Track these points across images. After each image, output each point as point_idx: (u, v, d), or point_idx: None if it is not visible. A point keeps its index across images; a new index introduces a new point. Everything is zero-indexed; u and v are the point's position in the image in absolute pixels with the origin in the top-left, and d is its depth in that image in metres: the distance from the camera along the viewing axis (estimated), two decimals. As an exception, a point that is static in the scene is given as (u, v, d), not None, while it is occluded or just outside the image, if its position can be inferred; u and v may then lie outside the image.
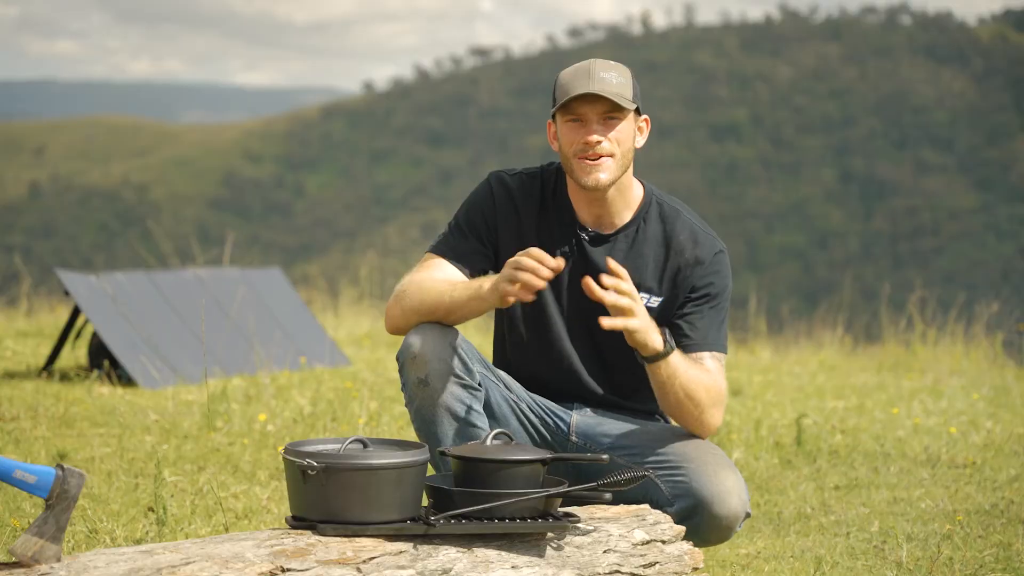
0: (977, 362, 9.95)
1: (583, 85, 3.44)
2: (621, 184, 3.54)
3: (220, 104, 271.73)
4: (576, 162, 3.49)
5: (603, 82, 3.45)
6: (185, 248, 12.74)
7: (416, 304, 3.46)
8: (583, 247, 3.58)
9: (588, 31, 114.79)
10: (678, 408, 3.47)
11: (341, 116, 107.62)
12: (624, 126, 3.49)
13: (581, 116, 3.47)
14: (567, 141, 3.50)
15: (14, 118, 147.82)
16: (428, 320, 3.44)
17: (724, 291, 3.58)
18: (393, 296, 3.54)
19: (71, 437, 5.82)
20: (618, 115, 3.48)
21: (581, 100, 3.45)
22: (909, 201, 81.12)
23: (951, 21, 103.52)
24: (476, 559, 2.99)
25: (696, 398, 3.45)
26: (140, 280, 8.52)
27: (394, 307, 3.51)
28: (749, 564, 4.24)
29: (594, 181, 3.48)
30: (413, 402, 3.44)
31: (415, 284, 3.50)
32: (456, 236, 3.58)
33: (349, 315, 12.07)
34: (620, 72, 3.49)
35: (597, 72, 3.46)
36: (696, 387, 3.44)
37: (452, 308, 3.42)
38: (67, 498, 2.75)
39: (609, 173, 3.48)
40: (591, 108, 3.46)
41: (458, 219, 3.61)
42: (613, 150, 3.48)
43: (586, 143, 3.46)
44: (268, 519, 4.57)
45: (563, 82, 3.50)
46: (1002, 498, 5.21)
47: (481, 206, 3.60)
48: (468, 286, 3.42)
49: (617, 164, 3.49)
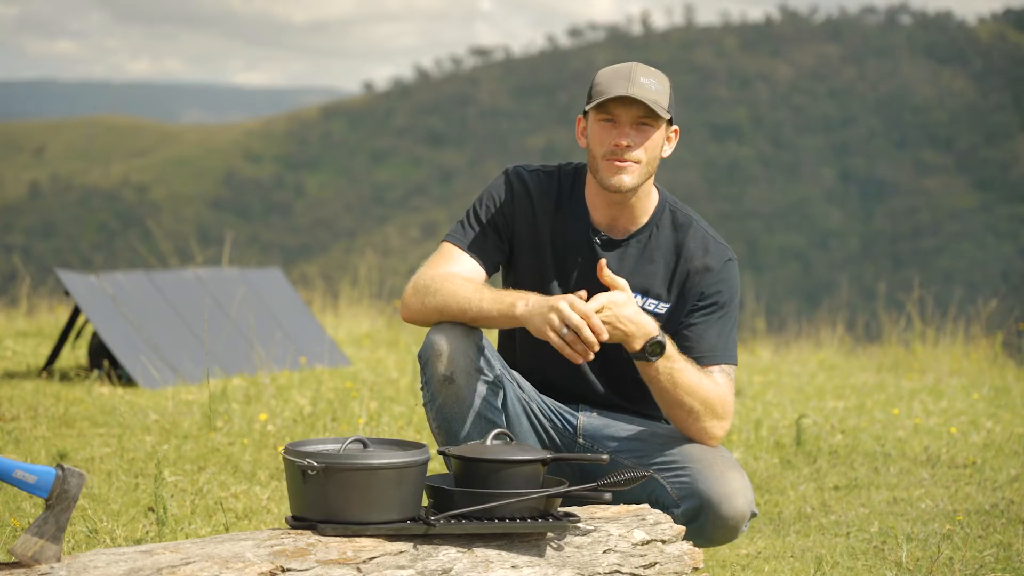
0: (977, 362, 9.95)
1: (622, 87, 3.43)
2: (640, 190, 3.54)
3: (220, 104, 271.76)
4: (603, 162, 3.48)
5: (642, 87, 3.43)
6: (185, 248, 12.74)
7: (440, 305, 3.43)
8: (595, 251, 3.57)
9: (588, 31, 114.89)
10: (670, 412, 3.48)
11: (341, 116, 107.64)
12: (656, 134, 3.48)
13: (615, 117, 3.46)
14: (597, 140, 3.48)
15: (14, 118, 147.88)
16: (448, 319, 3.43)
17: (733, 300, 3.57)
18: (412, 286, 3.49)
19: (71, 437, 5.82)
20: (652, 123, 3.47)
21: (617, 102, 3.44)
22: (909, 201, 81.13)
23: (951, 21, 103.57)
24: (476, 559, 2.99)
25: (688, 405, 3.43)
26: (140, 280, 8.51)
27: (414, 299, 3.48)
28: (749, 564, 4.24)
29: (618, 183, 3.47)
30: (436, 399, 3.43)
31: (440, 281, 3.46)
32: (473, 228, 3.57)
33: (349, 315, 12.07)
34: (659, 80, 3.48)
35: (637, 76, 3.45)
36: (695, 392, 3.42)
37: (477, 319, 3.40)
38: (67, 498, 2.75)
39: (634, 178, 3.47)
40: (626, 111, 3.45)
41: (476, 210, 3.59)
42: (641, 157, 3.47)
43: (616, 146, 3.46)
44: (268, 519, 4.57)
45: (601, 80, 3.48)
46: (1002, 498, 5.21)
47: (499, 199, 3.59)
48: (498, 300, 3.39)
49: (642, 171, 3.48)
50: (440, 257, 3.54)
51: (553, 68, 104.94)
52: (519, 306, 3.35)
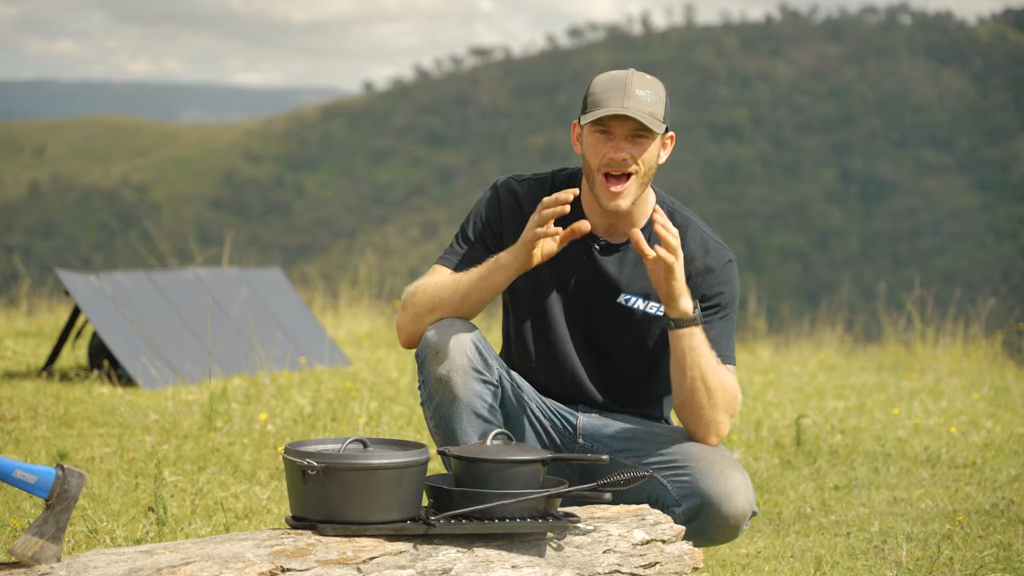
0: (977, 362, 9.95)
1: (616, 101, 3.41)
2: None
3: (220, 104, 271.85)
4: (599, 178, 3.46)
5: (637, 100, 3.41)
6: (185, 248, 12.75)
7: (427, 300, 3.46)
8: (593, 256, 3.56)
9: (588, 31, 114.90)
10: (691, 395, 3.44)
11: (341, 116, 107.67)
12: (651, 145, 3.47)
13: (610, 129, 3.45)
14: (592, 152, 3.47)
15: (14, 118, 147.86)
16: (442, 315, 3.44)
17: (733, 301, 3.57)
18: (401, 308, 3.53)
19: (71, 437, 5.82)
20: (647, 135, 3.45)
21: (612, 116, 3.42)
22: (909, 201, 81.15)
23: (951, 21, 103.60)
24: (476, 559, 2.99)
25: (711, 388, 3.42)
26: (140, 280, 8.51)
27: (404, 317, 3.51)
28: (749, 564, 4.24)
29: (615, 207, 3.47)
30: (433, 398, 3.43)
31: (421, 287, 3.50)
32: (462, 246, 3.58)
33: (349, 315, 12.06)
34: (655, 90, 3.46)
35: (633, 88, 3.42)
36: (714, 377, 3.43)
37: (469, 289, 3.43)
38: (67, 498, 2.75)
39: (630, 197, 3.47)
40: (621, 125, 3.43)
41: (464, 229, 3.60)
42: (637, 168, 3.46)
43: (612, 159, 3.45)
44: (268, 519, 4.57)
45: (596, 91, 3.46)
46: (1002, 498, 5.21)
47: (487, 215, 3.59)
48: (482, 266, 3.45)
49: (639, 182, 3.47)
50: (426, 276, 3.56)
51: (553, 68, 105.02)
52: (502, 255, 3.43)
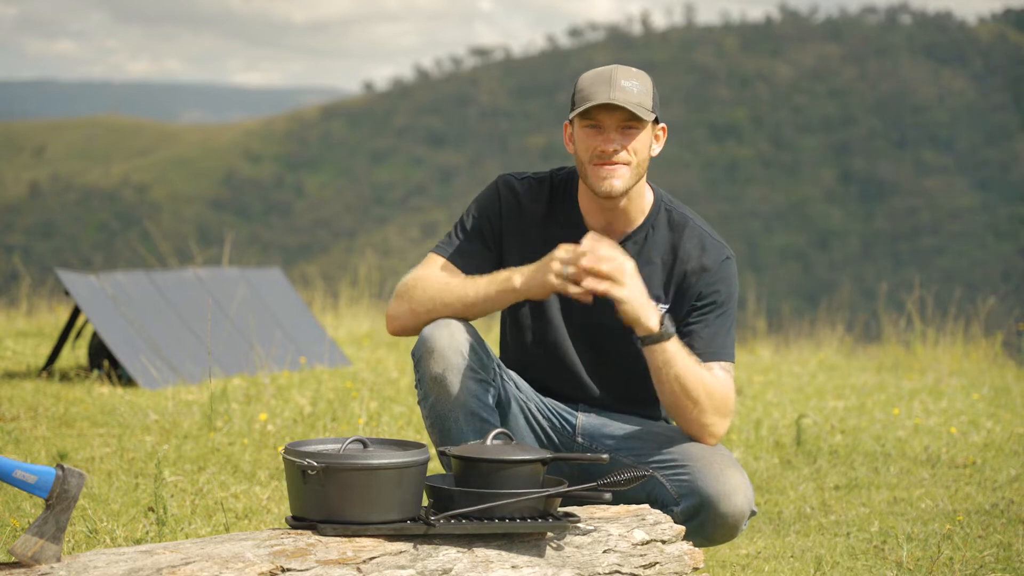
0: (977, 362, 9.95)
1: (603, 93, 3.42)
2: (633, 191, 3.53)
3: (220, 104, 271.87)
4: (591, 168, 3.47)
5: (624, 91, 3.42)
6: (184, 248, 12.75)
7: (427, 300, 3.45)
8: None
9: (588, 31, 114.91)
10: (675, 404, 3.45)
11: (341, 116, 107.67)
12: (642, 136, 3.47)
13: (599, 122, 3.45)
14: (583, 147, 3.48)
15: (14, 118, 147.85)
16: (441, 316, 3.44)
17: (731, 299, 3.57)
18: (395, 296, 3.51)
19: (71, 437, 5.82)
20: (636, 125, 3.46)
21: (600, 108, 3.44)
22: (909, 201, 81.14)
23: (951, 21, 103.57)
24: (476, 559, 2.99)
25: (694, 396, 3.42)
26: (140, 280, 8.51)
27: (398, 307, 3.49)
28: (749, 564, 4.24)
29: (608, 187, 3.46)
30: (428, 397, 3.43)
31: (422, 281, 3.48)
32: (460, 239, 3.57)
33: (349, 315, 12.07)
34: (641, 81, 3.47)
35: (618, 80, 3.44)
36: (696, 384, 3.42)
37: (476, 302, 3.42)
38: (67, 498, 2.75)
39: (623, 181, 3.47)
40: (609, 116, 3.44)
41: (463, 222, 3.59)
42: (629, 159, 3.46)
43: (603, 151, 3.46)
44: (268, 519, 4.57)
45: (583, 87, 3.47)
46: (1002, 498, 5.21)
47: (487, 210, 3.59)
48: (492, 279, 3.42)
49: (632, 173, 3.48)
50: (423, 266, 3.54)
51: (553, 68, 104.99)
52: (515, 278, 3.40)
